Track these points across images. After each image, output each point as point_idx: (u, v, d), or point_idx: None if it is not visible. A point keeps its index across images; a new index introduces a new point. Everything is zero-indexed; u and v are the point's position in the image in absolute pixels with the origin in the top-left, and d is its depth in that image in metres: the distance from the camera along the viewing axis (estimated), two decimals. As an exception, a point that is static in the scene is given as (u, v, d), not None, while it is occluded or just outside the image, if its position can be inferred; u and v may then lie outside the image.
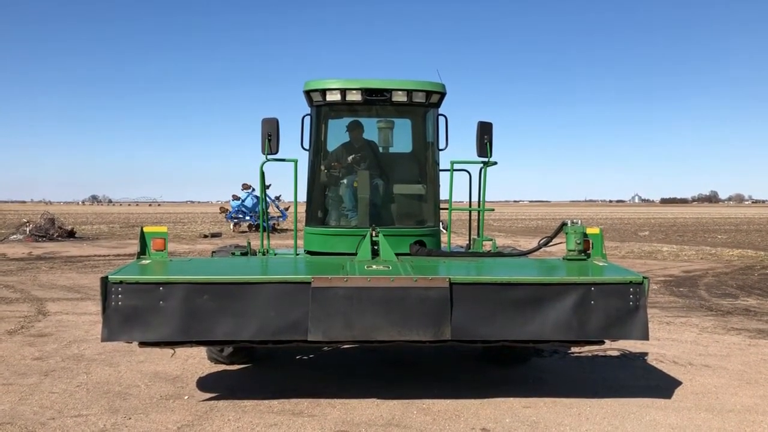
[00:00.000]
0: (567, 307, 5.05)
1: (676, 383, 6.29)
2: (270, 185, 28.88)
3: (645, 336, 5.08)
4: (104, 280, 4.90)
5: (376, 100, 6.58)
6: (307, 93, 6.72)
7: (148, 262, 5.61)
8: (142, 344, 5.31)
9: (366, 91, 6.51)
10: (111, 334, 4.90)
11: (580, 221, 5.92)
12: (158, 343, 5.24)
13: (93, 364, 6.84)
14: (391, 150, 7.48)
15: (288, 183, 6.75)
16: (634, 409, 5.45)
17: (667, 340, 8.28)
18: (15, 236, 26.83)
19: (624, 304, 5.08)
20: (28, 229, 27.39)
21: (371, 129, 7.35)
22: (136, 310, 4.90)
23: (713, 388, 6.14)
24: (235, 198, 33.58)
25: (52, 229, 27.43)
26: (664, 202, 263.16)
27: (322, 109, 6.88)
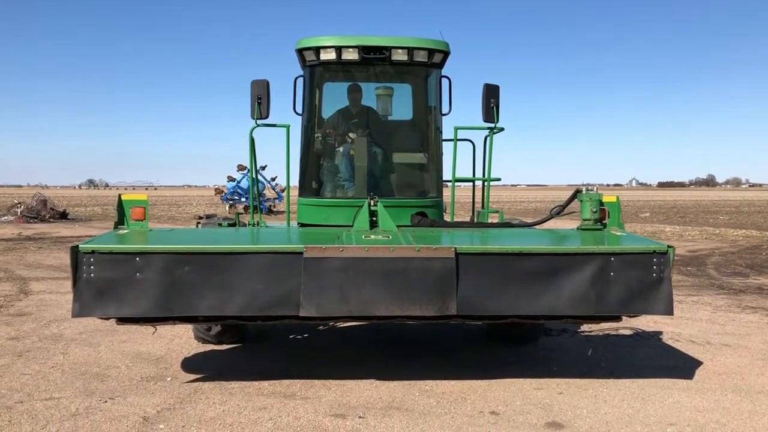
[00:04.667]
0: (584, 280, 4.60)
1: (697, 363, 5.86)
2: (266, 166, 28.39)
3: (669, 311, 4.64)
4: (74, 250, 4.43)
5: (374, 58, 6.07)
6: (300, 52, 6.21)
7: (125, 231, 5.15)
8: (120, 321, 4.87)
9: (363, 49, 6.00)
10: (82, 310, 4.45)
11: (595, 188, 5.44)
12: (137, 320, 4.80)
13: (72, 344, 6.39)
14: (391, 117, 6.99)
15: (280, 151, 6.26)
16: (654, 391, 5.02)
17: (680, 319, 7.86)
18: (6, 217, 26.29)
19: (647, 276, 4.63)
20: (19, 210, 26.85)
21: (370, 97, 6.87)
22: (110, 283, 4.44)
23: (737, 368, 5.72)
24: (231, 179, 33.02)
25: (44, 211, 26.90)
26: (662, 185, 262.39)
27: (316, 70, 6.38)
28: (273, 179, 31.55)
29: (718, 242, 18.54)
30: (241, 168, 32.55)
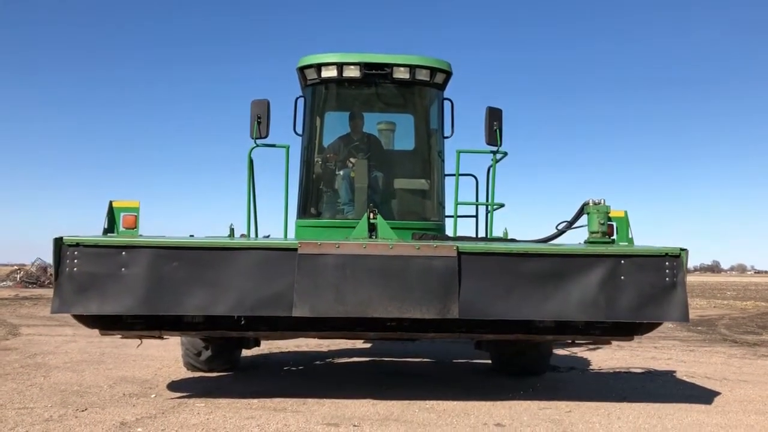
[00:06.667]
0: (593, 283, 4.34)
1: (715, 393, 5.51)
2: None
3: (684, 317, 4.36)
4: (58, 242, 4.23)
5: (376, 75, 6.02)
6: (301, 70, 6.18)
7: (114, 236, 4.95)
8: (103, 331, 4.63)
9: (365, 66, 5.96)
10: (62, 305, 4.22)
11: (603, 200, 5.24)
12: (121, 325, 4.57)
13: (55, 370, 6.09)
14: (393, 146, 6.91)
15: (279, 171, 6.13)
16: (671, 411, 4.68)
17: (693, 363, 7.51)
18: (4, 283, 26.07)
19: (659, 280, 4.38)
20: (18, 276, 26.70)
21: (371, 124, 6.80)
22: (93, 278, 4.21)
23: (758, 397, 5.37)
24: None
25: (44, 277, 26.66)
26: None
27: (317, 89, 6.32)
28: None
29: (727, 310, 18.15)
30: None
